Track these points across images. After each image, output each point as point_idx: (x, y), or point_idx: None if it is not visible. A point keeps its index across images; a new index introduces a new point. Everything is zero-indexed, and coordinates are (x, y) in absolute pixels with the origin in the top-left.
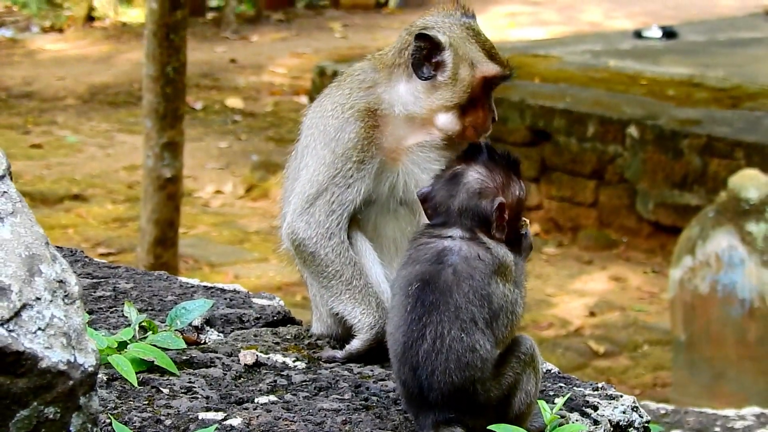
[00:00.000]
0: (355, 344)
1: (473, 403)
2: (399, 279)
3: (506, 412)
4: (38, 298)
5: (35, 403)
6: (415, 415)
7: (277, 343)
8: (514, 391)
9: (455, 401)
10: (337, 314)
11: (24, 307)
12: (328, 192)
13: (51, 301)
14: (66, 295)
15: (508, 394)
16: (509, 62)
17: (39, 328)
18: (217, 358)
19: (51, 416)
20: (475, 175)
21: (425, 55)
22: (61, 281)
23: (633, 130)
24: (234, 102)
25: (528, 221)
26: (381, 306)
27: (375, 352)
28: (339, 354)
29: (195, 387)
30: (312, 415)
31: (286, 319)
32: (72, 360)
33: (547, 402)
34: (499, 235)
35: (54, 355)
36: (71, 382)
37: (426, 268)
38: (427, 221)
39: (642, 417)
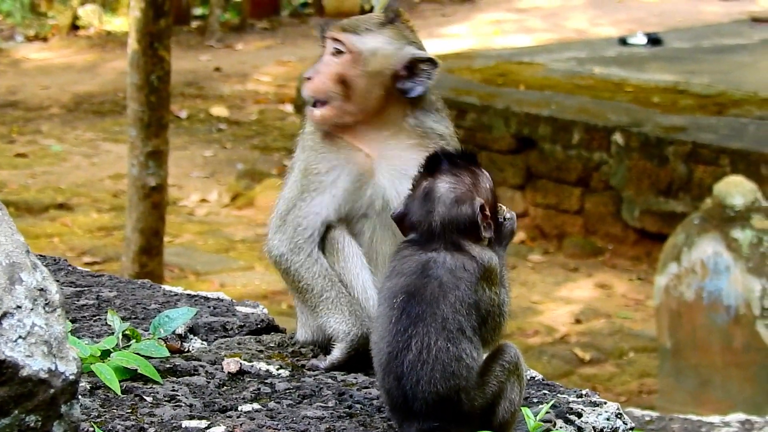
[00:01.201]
0: (335, 354)
1: (458, 412)
2: (384, 291)
3: (491, 420)
4: (19, 307)
5: (16, 412)
6: (399, 424)
7: (261, 351)
8: (499, 400)
9: (440, 410)
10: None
11: (4, 315)
12: (296, 208)
13: (32, 309)
14: (47, 303)
15: (493, 403)
16: (334, 23)
17: (20, 337)
18: (201, 366)
19: (32, 425)
20: (445, 186)
21: None
22: (42, 289)
23: (618, 137)
24: (219, 110)
25: (504, 207)
26: (359, 313)
27: (357, 360)
28: (322, 364)
29: (178, 395)
30: (296, 422)
31: (270, 327)
32: (53, 368)
33: (531, 409)
34: (489, 234)
35: (35, 364)
36: (52, 391)
37: (411, 281)
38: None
39: (626, 424)
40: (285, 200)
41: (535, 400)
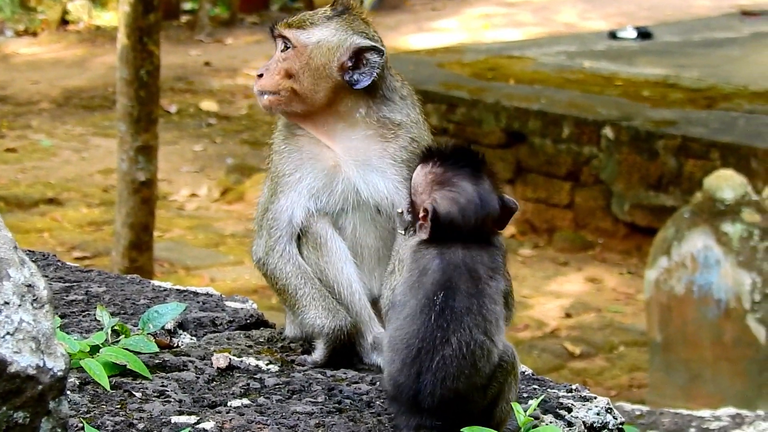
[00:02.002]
0: (317, 353)
1: (463, 412)
2: (413, 286)
3: (488, 421)
4: (6, 303)
5: (4, 408)
6: (396, 415)
7: (250, 347)
8: (498, 401)
9: (448, 409)
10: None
11: None
12: (268, 211)
13: (19, 305)
14: (35, 300)
15: (492, 404)
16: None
17: (7, 333)
18: (190, 361)
19: (20, 421)
20: (477, 183)
21: None
22: (29, 285)
23: (608, 131)
24: (208, 105)
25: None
26: (332, 306)
27: (343, 355)
28: (309, 358)
29: (168, 391)
30: (285, 418)
31: (259, 322)
32: (41, 364)
33: (520, 404)
34: (501, 229)
35: (23, 360)
36: (40, 387)
37: (449, 277)
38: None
39: (616, 418)
40: (260, 205)
41: (525, 395)
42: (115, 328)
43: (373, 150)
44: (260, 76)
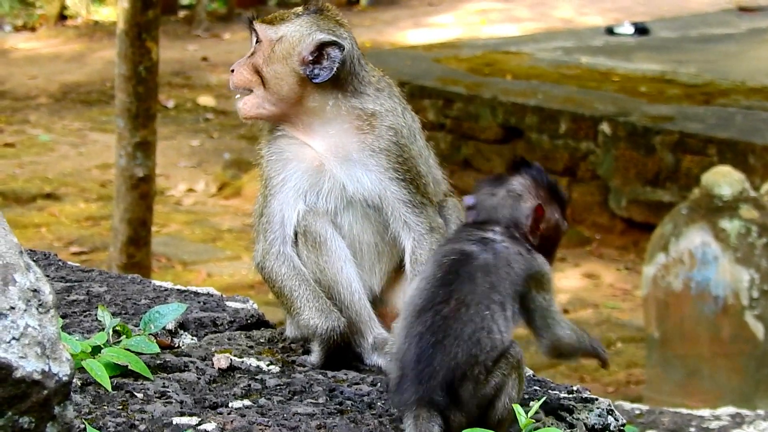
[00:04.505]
0: (313, 356)
1: (460, 392)
2: (434, 254)
3: (488, 414)
4: (12, 308)
5: (10, 413)
6: (396, 389)
7: (251, 347)
8: (499, 394)
9: (446, 383)
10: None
11: None
12: (262, 216)
13: (25, 310)
14: (40, 304)
15: (493, 396)
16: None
17: (13, 338)
18: (191, 362)
19: (25, 426)
20: (517, 182)
21: None
22: (35, 290)
23: (605, 127)
24: (206, 100)
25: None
26: (325, 307)
27: (341, 356)
28: (309, 359)
29: (169, 391)
30: (286, 419)
31: (260, 323)
32: (46, 369)
33: (522, 406)
34: (533, 239)
35: (28, 365)
36: (46, 392)
37: (468, 247)
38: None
39: (617, 420)
40: (255, 212)
41: (526, 396)
42: (117, 328)
43: (352, 143)
44: (232, 71)
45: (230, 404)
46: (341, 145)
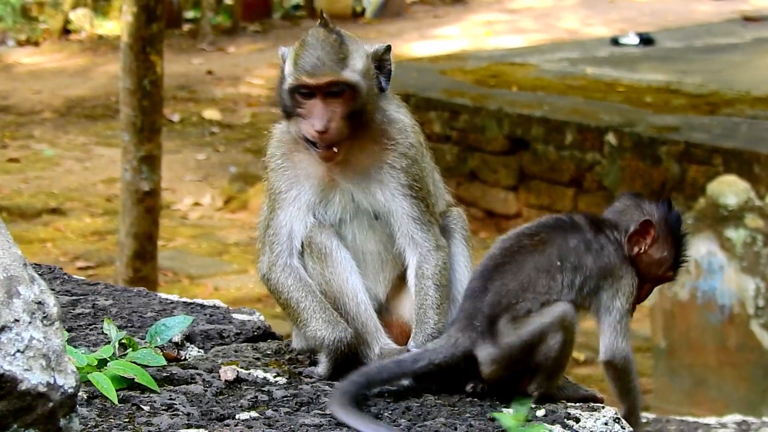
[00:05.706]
0: (320, 367)
1: (498, 323)
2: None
3: (529, 357)
4: (17, 320)
5: (15, 426)
6: (467, 314)
7: (258, 359)
8: (538, 339)
9: (490, 306)
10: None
11: (2, 329)
12: (269, 228)
13: (30, 322)
14: (45, 317)
15: (531, 343)
16: (310, 69)
17: (18, 350)
18: (198, 374)
19: None
20: (653, 207)
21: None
22: (39, 303)
23: (611, 138)
24: (211, 114)
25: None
26: (332, 318)
27: (348, 368)
28: (316, 370)
29: (176, 404)
30: (293, 430)
31: (267, 334)
32: (52, 382)
33: (527, 414)
34: (629, 249)
35: (33, 378)
36: (51, 404)
37: (579, 219)
38: None
39: (624, 428)
40: (261, 223)
41: (532, 405)
42: (123, 341)
43: (372, 159)
44: (322, 132)
45: (237, 416)
46: (361, 160)
